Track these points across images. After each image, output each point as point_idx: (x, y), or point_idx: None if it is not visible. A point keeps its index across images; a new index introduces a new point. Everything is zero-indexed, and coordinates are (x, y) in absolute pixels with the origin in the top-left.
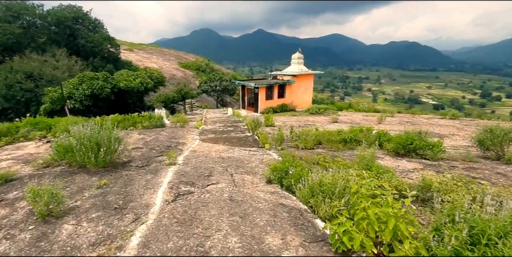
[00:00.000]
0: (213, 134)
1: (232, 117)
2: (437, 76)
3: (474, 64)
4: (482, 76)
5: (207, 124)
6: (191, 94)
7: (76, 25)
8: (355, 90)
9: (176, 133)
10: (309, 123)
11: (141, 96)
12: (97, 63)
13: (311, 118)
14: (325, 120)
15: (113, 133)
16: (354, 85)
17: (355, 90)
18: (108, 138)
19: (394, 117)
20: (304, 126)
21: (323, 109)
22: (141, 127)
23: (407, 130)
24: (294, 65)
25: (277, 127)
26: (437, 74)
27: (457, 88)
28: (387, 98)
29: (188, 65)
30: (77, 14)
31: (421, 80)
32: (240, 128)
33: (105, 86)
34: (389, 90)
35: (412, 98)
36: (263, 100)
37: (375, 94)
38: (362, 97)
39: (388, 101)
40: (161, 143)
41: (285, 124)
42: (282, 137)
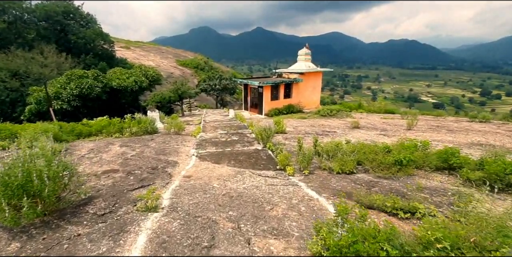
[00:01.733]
0: (214, 146)
1: (234, 120)
2: (437, 74)
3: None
4: (481, 74)
5: (206, 130)
6: (189, 93)
7: (67, 20)
8: (354, 89)
9: (169, 144)
10: (327, 130)
11: (136, 95)
12: (89, 60)
13: (324, 121)
14: (343, 125)
15: (59, 162)
16: (354, 84)
17: (355, 89)
18: (50, 169)
19: (417, 120)
20: (322, 134)
21: (336, 110)
22: (129, 134)
23: (457, 141)
24: (301, 62)
25: (289, 134)
26: (437, 72)
27: (456, 87)
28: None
29: (187, 63)
30: (68, 8)
31: (421, 79)
32: (246, 136)
33: (95, 85)
34: (388, 89)
35: (412, 97)
36: (268, 101)
37: (374, 93)
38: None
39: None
40: (146, 162)
41: (297, 129)
42: (309, 156)
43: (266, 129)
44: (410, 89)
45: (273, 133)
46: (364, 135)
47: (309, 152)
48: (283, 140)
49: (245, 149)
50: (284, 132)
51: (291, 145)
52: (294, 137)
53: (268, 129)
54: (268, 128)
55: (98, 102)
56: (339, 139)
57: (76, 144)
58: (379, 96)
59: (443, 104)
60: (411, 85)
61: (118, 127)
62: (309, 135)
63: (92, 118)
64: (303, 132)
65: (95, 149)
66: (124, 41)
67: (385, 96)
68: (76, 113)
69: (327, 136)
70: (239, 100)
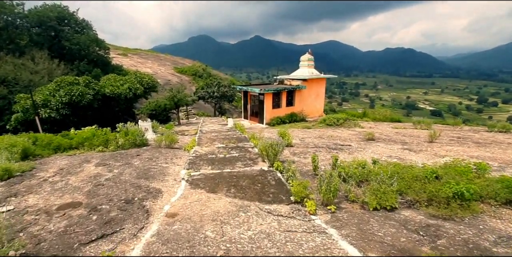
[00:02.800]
0: (210, 165)
1: (233, 130)
2: (433, 82)
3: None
4: (477, 82)
5: (202, 143)
6: (185, 101)
7: (61, 26)
8: (352, 96)
9: (156, 161)
10: (339, 142)
11: (130, 103)
12: (83, 67)
13: (332, 132)
14: (354, 136)
15: None
16: (352, 91)
17: (353, 96)
18: None
19: (432, 129)
20: (335, 148)
21: (343, 119)
22: (114, 147)
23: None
24: (304, 68)
25: (296, 148)
26: (433, 80)
27: (453, 94)
28: (384, 104)
29: (185, 70)
30: (62, 14)
31: (417, 86)
32: (248, 151)
33: (86, 92)
34: (386, 96)
35: (410, 104)
36: (270, 109)
37: (372, 100)
38: (360, 103)
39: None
40: (120, 190)
41: (304, 141)
42: (335, 186)
43: (273, 144)
44: (408, 97)
45: (281, 150)
46: (385, 150)
47: (335, 180)
48: (291, 156)
49: (248, 170)
50: (290, 145)
51: (302, 162)
52: (303, 151)
53: (275, 145)
54: (276, 143)
55: (89, 110)
56: (357, 155)
57: (48, 161)
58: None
59: (440, 112)
60: (408, 92)
61: (102, 139)
62: (320, 150)
63: (83, 127)
64: (312, 145)
65: (65, 168)
66: (122, 49)
67: (383, 104)
68: (66, 122)
69: (342, 151)
70: (237, 108)
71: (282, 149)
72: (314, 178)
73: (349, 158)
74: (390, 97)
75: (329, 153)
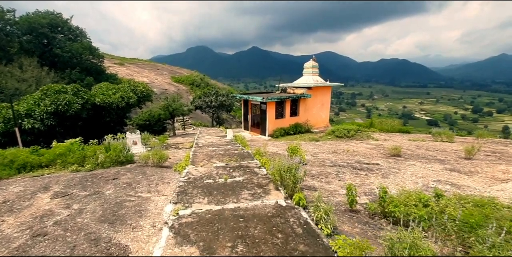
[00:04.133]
0: (206, 197)
1: (233, 143)
2: (428, 92)
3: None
4: (471, 92)
5: (198, 161)
6: (181, 110)
7: (53, 33)
8: (349, 106)
9: (136, 188)
10: (362, 160)
11: (123, 113)
12: (75, 75)
13: (345, 145)
14: (374, 151)
15: None
16: (348, 101)
17: (349, 106)
18: None
19: (454, 142)
20: (360, 167)
21: (354, 131)
22: (91, 166)
23: None
24: (308, 76)
25: (311, 166)
26: (428, 90)
27: (448, 104)
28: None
29: (182, 80)
30: (55, 21)
31: (413, 96)
32: (254, 173)
33: (74, 101)
34: (382, 106)
35: (406, 114)
36: (272, 119)
37: (369, 110)
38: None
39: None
40: (67, 247)
41: (317, 157)
42: None
43: (291, 168)
44: (404, 107)
45: (303, 176)
46: (426, 172)
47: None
48: (308, 179)
49: (259, 206)
50: (303, 162)
51: (326, 189)
52: (321, 172)
53: (293, 169)
54: (294, 166)
55: (78, 120)
56: (395, 179)
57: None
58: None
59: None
60: (404, 102)
61: (79, 156)
62: (343, 170)
63: (71, 138)
64: (329, 163)
65: (10, 201)
66: (119, 58)
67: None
68: (53, 133)
69: (371, 172)
70: (236, 118)
71: (304, 175)
72: (351, 217)
73: (388, 184)
74: (386, 107)
75: (356, 176)
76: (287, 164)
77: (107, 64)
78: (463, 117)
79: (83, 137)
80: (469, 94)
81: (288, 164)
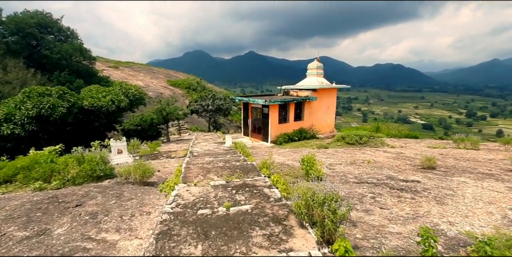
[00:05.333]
0: (199, 242)
1: (233, 152)
2: (423, 96)
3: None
4: (465, 96)
5: (191, 177)
6: (176, 114)
7: (42, 34)
8: (345, 110)
9: (99, 224)
10: (394, 175)
11: (114, 117)
12: (64, 77)
13: (361, 153)
14: (399, 161)
15: None
16: (344, 105)
17: (345, 110)
18: None
19: (479, 149)
20: (399, 187)
21: (366, 137)
22: (59, 182)
23: None
24: (312, 77)
25: (331, 182)
26: (422, 94)
27: (442, 108)
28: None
29: (178, 83)
30: (44, 21)
31: (408, 101)
32: (266, 197)
33: (59, 104)
34: (378, 110)
35: (401, 118)
36: (275, 124)
37: (365, 114)
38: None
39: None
40: None
41: (335, 171)
42: None
43: (329, 199)
44: (399, 111)
45: (347, 214)
46: (489, 193)
47: None
48: None
49: None
50: (320, 178)
51: (367, 223)
52: (350, 194)
53: (332, 202)
54: (332, 197)
55: (64, 125)
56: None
57: None
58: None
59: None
60: (399, 106)
61: (45, 169)
62: (377, 190)
63: (56, 145)
64: (353, 178)
65: None
66: (114, 62)
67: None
68: (36, 140)
69: (417, 194)
70: (233, 122)
71: (349, 210)
72: None
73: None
74: (382, 111)
75: (400, 200)
76: (320, 192)
77: (101, 68)
78: (457, 121)
79: (70, 144)
80: (463, 99)
81: (323, 194)
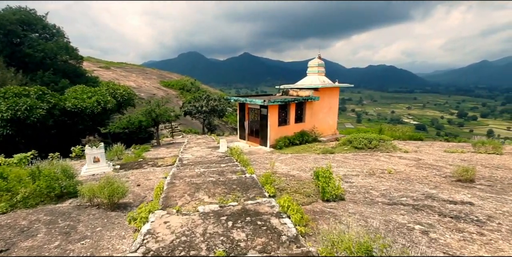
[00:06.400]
0: None
1: (229, 160)
2: (415, 97)
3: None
4: (456, 97)
5: (174, 198)
6: (167, 116)
7: (25, 31)
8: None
9: None
10: (432, 193)
11: (100, 119)
12: (48, 77)
13: (376, 160)
14: (425, 171)
15: None
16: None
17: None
18: None
19: (502, 154)
20: (443, 210)
21: (376, 140)
22: (4, 206)
23: None
24: (313, 76)
25: (352, 204)
26: (415, 95)
27: (434, 109)
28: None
29: (172, 84)
30: (27, 17)
31: (400, 101)
32: (275, 234)
33: (38, 105)
34: (371, 111)
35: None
36: (275, 126)
37: (359, 115)
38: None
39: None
40: None
41: (353, 185)
42: None
43: None
44: (392, 111)
45: None
46: None
47: None
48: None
49: None
50: (340, 197)
51: None
52: (387, 223)
53: None
54: None
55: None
56: None
57: None
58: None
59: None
60: (393, 107)
61: None
62: (420, 216)
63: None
64: (380, 197)
65: None
66: (106, 62)
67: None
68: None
69: (483, 225)
70: (228, 124)
71: None
72: None
73: None
74: (375, 112)
75: (463, 238)
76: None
77: (91, 68)
78: (449, 122)
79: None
80: (454, 99)
81: None
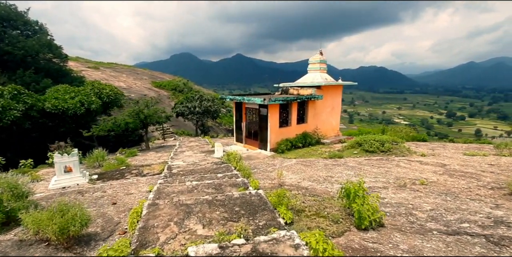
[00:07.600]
0: None
1: (227, 168)
2: (405, 97)
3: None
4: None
5: (155, 225)
6: (157, 117)
7: (4, 28)
8: None
9: None
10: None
11: (84, 122)
12: (29, 76)
13: (396, 167)
14: (460, 180)
15: None
16: None
17: None
18: None
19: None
20: None
21: (389, 143)
22: None
23: None
24: (315, 73)
25: (411, 239)
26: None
27: (424, 109)
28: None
29: (163, 85)
30: (7, 12)
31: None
32: None
33: (12, 106)
34: (363, 112)
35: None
36: (276, 128)
37: (351, 115)
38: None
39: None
40: None
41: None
42: None
43: None
44: (383, 112)
45: None
46: None
47: None
48: None
49: None
50: (379, 222)
51: None
52: None
53: None
54: None
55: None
56: None
57: None
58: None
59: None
60: (384, 107)
61: None
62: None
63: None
64: (430, 221)
65: None
66: (95, 62)
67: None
68: None
69: None
70: (222, 125)
71: None
72: None
73: None
74: (367, 112)
75: None
76: None
77: (80, 68)
78: (438, 121)
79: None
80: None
81: None
